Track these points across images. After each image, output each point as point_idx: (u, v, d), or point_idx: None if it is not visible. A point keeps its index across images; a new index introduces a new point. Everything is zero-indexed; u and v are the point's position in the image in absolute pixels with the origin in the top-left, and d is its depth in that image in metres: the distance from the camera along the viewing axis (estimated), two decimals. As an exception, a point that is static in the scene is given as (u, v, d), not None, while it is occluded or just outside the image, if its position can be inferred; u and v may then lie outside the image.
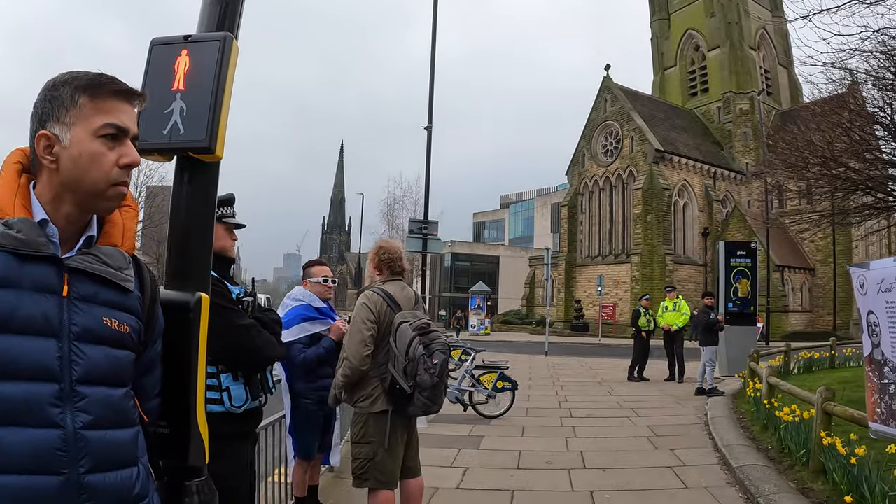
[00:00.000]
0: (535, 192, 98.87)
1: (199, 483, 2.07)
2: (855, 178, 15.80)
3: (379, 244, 5.05)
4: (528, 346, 34.61)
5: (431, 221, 14.50)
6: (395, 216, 56.74)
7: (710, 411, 11.57)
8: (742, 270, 20.82)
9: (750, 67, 57.87)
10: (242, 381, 3.42)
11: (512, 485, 7.22)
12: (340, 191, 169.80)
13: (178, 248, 2.14)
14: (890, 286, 3.52)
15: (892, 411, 3.60)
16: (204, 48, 2.13)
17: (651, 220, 50.46)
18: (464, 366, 12.19)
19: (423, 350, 4.40)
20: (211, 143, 2.04)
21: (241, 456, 3.42)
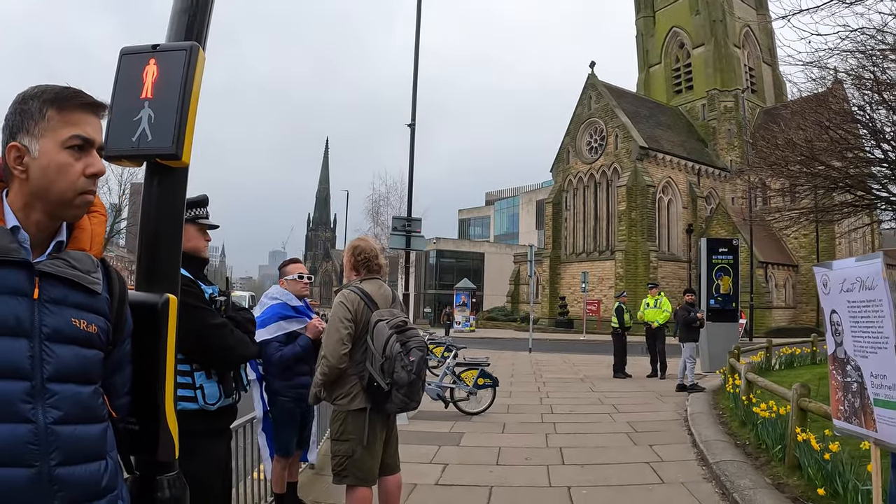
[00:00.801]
0: (521, 188, 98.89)
1: (171, 478, 2.13)
2: (835, 176, 15.92)
3: (354, 244, 5.06)
4: (513, 343, 34.68)
5: (415, 218, 14.55)
6: (380, 213, 56.71)
7: (689, 407, 11.64)
8: (724, 267, 20.95)
9: (734, 65, 58.03)
10: (216, 378, 3.46)
11: (490, 481, 7.27)
12: (325, 187, 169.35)
13: (148, 251, 2.20)
14: (851, 286, 3.60)
15: (855, 409, 3.68)
16: (171, 57, 2.19)
17: (635, 217, 50.58)
18: (445, 363, 12.25)
19: (399, 348, 4.44)
20: (178, 150, 2.10)
21: (215, 453, 3.46)
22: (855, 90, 15.16)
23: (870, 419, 3.50)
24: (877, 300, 3.38)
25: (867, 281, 3.46)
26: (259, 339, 5.21)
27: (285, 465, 5.89)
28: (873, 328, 3.42)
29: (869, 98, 14.43)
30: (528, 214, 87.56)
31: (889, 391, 3.29)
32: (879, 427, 3.41)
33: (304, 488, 6.50)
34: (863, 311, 3.51)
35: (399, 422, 10.04)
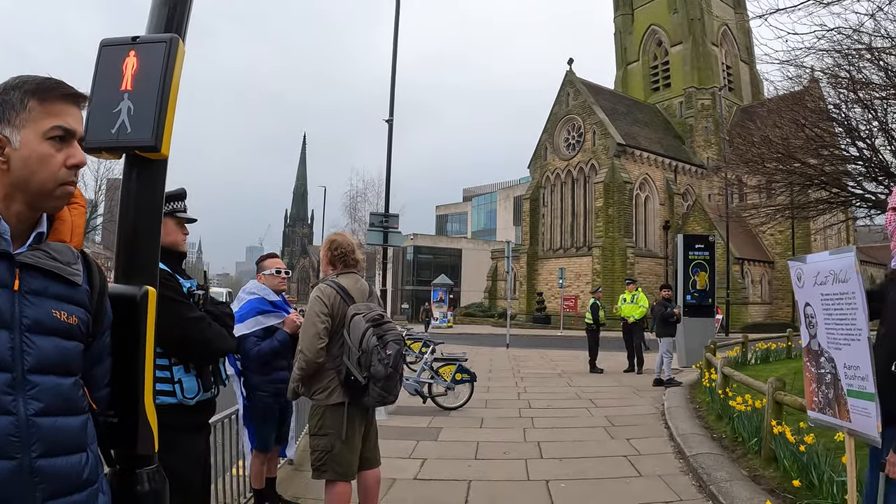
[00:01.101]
0: (498, 185, 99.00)
1: (150, 471, 2.13)
2: (810, 173, 16.09)
3: (331, 238, 5.05)
4: (490, 339, 34.75)
5: (392, 214, 14.52)
6: (358, 209, 56.71)
7: (667, 401, 11.73)
8: (700, 263, 21.06)
9: (712, 63, 58.45)
10: (194, 372, 3.45)
11: (469, 475, 7.28)
12: (303, 183, 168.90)
13: (127, 243, 2.20)
14: (825, 279, 3.64)
15: (829, 400, 3.72)
16: (151, 49, 2.18)
17: (612, 214, 50.80)
18: (423, 358, 12.26)
19: (376, 341, 4.43)
20: (157, 142, 2.10)
21: (194, 447, 3.45)
22: (831, 89, 15.31)
23: (843, 410, 3.54)
24: (850, 293, 3.42)
25: (840, 274, 3.50)
26: (236, 333, 5.21)
27: (264, 460, 5.87)
28: (846, 320, 3.46)
29: (844, 97, 14.58)
30: (505, 211, 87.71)
31: (862, 382, 3.33)
32: (853, 417, 3.46)
33: (282, 484, 6.49)
34: (836, 303, 3.56)
35: (378, 417, 10.06)
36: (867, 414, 3.31)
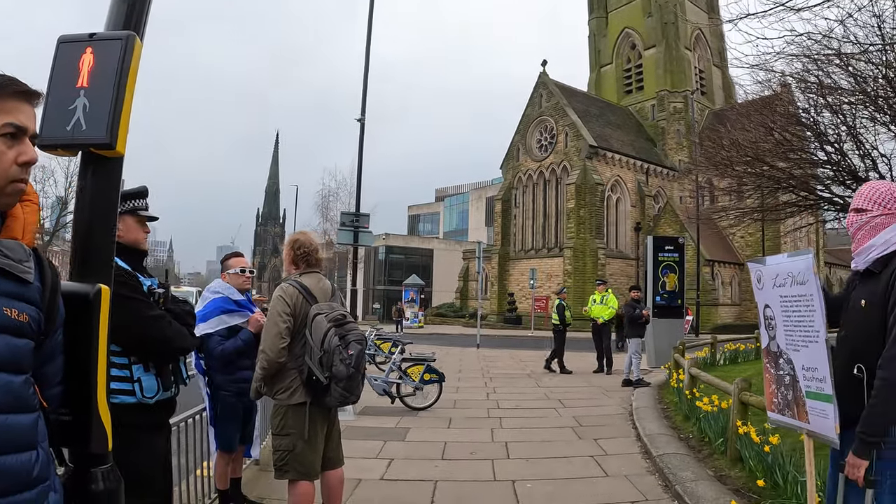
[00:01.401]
0: (471, 185, 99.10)
1: (105, 470, 2.11)
2: (779, 176, 16.23)
3: (294, 238, 5.04)
4: (461, 339, 34.77)
5: (363, 214, 14.50)
6: (330, 208, 56.47)
7: (635, 402, 11.79)
8: (670, 265, 21.17)
9: (685, 67, 59.05)
10: (154, 371, 3.42)
11: (435, 475, 7.28)
12: (275, 182, 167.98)
13: (82, 241, 2.18)
14: (784, 281, 3.67)
15: (788, 401, 3.76)
16: (108, 46, 2.16)
17: (584, 215, 51.03)
18: (392, 358, 12.25)
19: (338, 341, 4.41)
20: (112, 140, 2.08)
21: (154, 446, 3.42)
22: (800, 93, 15.46)
23: (802, 411, 3.58)
24: (808, 295, 3.45)
25: (798, 276, 3.54)
26: (200, 332, 5.17)
27: (228, 460, 5.82)
28: (804, 322, 3.49)
29: (814, 101, 14.72)
30: (477, 211, 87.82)
31: (820, 384, 3.36)
32: (811, 419, 3.49)
33: (248, 484, 6.45)
34: (794, 305, 3.59)
35: (345, 417, 10.06)
36: (825, 416, 3.34)
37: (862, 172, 14.46)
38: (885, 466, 3.06)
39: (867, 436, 3.02)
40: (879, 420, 3.00)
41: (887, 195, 3.28)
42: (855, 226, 3.36)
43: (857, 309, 3.31)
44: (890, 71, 11.99)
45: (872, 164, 14.42)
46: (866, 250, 3.29)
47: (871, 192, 3.33)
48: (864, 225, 3.31)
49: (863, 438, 3.03)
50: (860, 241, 3.33)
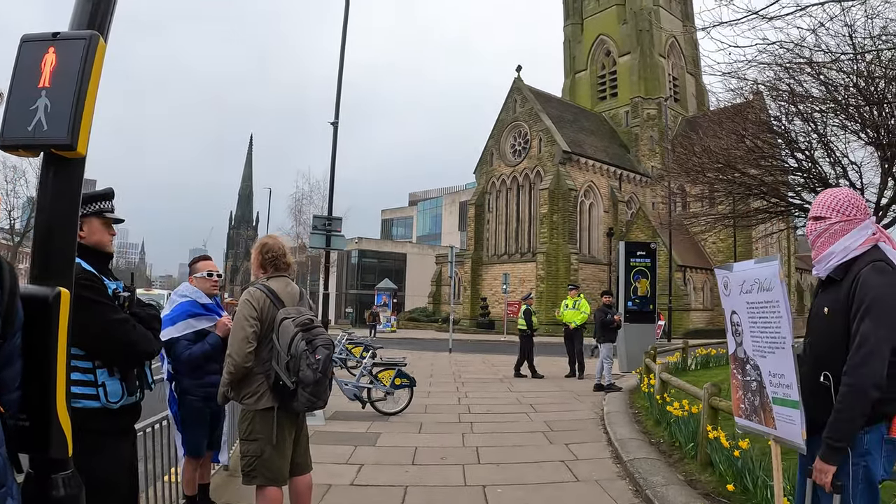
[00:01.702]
0: (444, 190, 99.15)
1: (66, 476, 2.08)
2: (751, 183, 16.37)
3: (262, 242, 4.98)
4: (433, 344, 34.74)
5: (335, 217, 14.45)
6: (303, 212, 56.18)
7: (606, 406, 11.80)
8: (642, 270, 21.30)
9: (659, 74, 59.56)
10: (118, 376, 3.36)
11: (406, 480, 7.25)
12: (248, 185, 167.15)
13: (42, 243, 2.14)
14: (750, 287, 3.69)
15: (755, 407, 3.78)
16: (70, 46, 2.13)
17: (557, 220, 51.21)
18: (363, 363, 12.21)
19: (305, 346, 4.38)
20: (73, 141, 2.05)
21: (118, 452, 3.36)
22: (771, 101, 15.61)
23: (769, 417, 3.60)
24: (774, 301, 3.48)
25: (765, 282, 3.56)
26: (168, 336, 5.12)
27: (196, 466, 5.76)
28: (771, 328, 3.51)
29: (785, 109, 14.87)
30: (451, 215, 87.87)
31: (787, 390, 3.38)
32: (778, 424, 3.51)
33: (217, 490, 6.40)
34: (761, 312, 3.61)
35: (316, 422, 10.02)
36: (792, 421, 3.37)
37: (832, 179, 14.61)
38: (855, 471, 3.09)
39: (834, 441, 3.05)
40: (846, 426, 3.03)
41: (845, 202, 3.32)
42: (814, 233, 3.39)
43: (820, 316, 3.35)
44: (861, 80, 12.14)
45: (843, 172, 14.58)
46: (826, 257, 3.33)
47: (830, 200, 3.37)
48: (824, 232, 3.35)
49: (829, 444, 3.06)
50: (820, 249, 3.37)
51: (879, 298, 3.06)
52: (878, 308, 3.04)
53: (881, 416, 3.11)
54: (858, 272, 3.16)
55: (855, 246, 3.25)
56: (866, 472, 3.11)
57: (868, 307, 3.05)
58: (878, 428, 3.12)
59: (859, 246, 3.24)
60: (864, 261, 3.19)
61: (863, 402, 3.00)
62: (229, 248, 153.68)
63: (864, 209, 3.33)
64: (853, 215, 3.29)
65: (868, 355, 3.00)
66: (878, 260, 3.17)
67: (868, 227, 3.28)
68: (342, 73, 15.57)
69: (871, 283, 3.09)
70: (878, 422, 3.12)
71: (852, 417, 3.02)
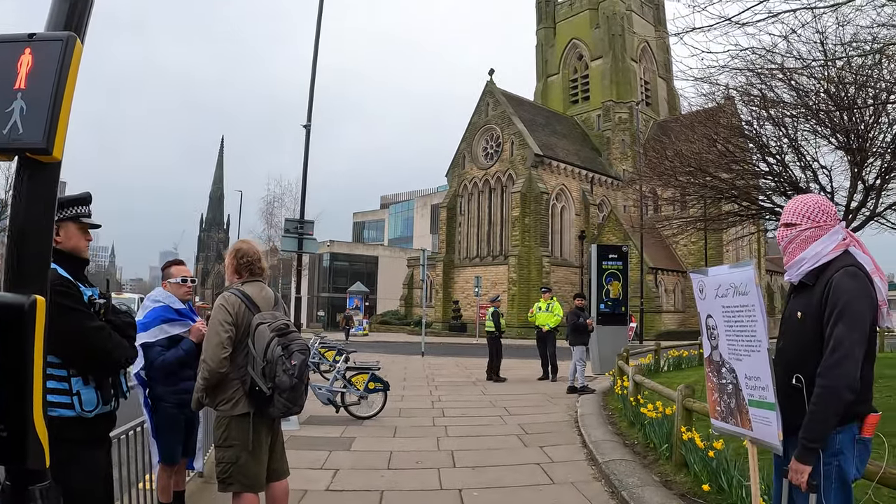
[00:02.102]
0: (416, 192, 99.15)
1: (43, 487, 2.05)
2: (722, 187, 16.49)
3: (237, 246, 4.94)
4: (406, 347, 34.69)
5: (307, 221, 14.41)
6: (275, 215, 56.02)
7: (580, 409, 11.86)
8: (614, 272, 21.44)
9: (631, 78, 59.97)
10: (93, 384, 3.33)
11: (381, 485, 7.23)
12: (220, 187, 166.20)
13: (16, 249, 2.10)
14: (726, 291, 3.72)
15: (731, 409, 3.81)
16: (47, 47, 2.09)
17: (529, 223, 51.35)
18: (336, 367, 12.16)
19: (281, 351, 4.34)
20: (48, 145, 2.01)
21: (93, 461, 3.32)
22: (743, 106, 15.76)
23: (745, 419, 3.63)
24: (749, 305, 3.51)
25: (740, 287, 3.59)
26: (141, 342, 5.05)
27: (171, 473, 5.70)
28: (746, 332, 3.55)
29: (756, 114, 15.00)
30: (422, 218, 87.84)
31: (763, 392, 3.41)
32: (755, 426, 3.54)
33: (192, 497, 6.35)
34: (736, 315, 3.65)
35: (290, 427, 9.96)
36: (768, 423, 3.39)
37: (803, 183, 14.76)
38: (829, 470, 3.13)
39: (809, 441, 3.09)
40: (820, 426, 3.08)
41: (815, 208, 3.38)
42: (786, 240, 3.44)
43: (793, 320, 3.40)
44: (831, 86, 12.28)
45: (813, 176, 14.73)
46: (798, 263, 3.38)
47: (800, 207, 3.44)
48: (795, 239, 3.41)
49: (804, 444, 3.10)
50: (791, 255, 3.43)
51: (852, 302, 3.12)
52: (850, 312, 3.10)
53: (853, 416, 3.17)
54: (831, 277, 3.21)
55: (826, 251, 3.30)
56: (839, 471, 3.15)
57: (841, 311, 3.10)
58: (850, 428, 3.18)
59: (830, 251, 3.30)
60: (835, 266, 3.24)
61: (837, 403, 3.05)
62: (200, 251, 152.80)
63: (833, 215, 3.39)
64: (823, 221, 3.34)
65: (842, 358, 3.05)
66: (850, 265, 3.22)
67: (838, 233, 3.34)
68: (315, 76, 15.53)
69: (844, 288, 3.14)
70: (850, 422, 3.17)
71: (826, 418, 3.07)
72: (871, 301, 3.17)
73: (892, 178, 14.27)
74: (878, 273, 3.30)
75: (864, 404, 3.19)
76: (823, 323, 3.17)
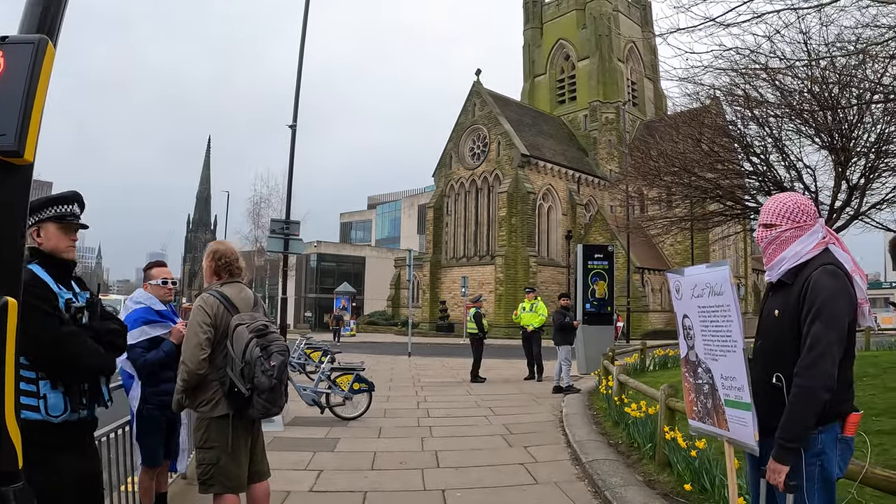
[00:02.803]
0: (403, 193, 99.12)
1: (17, 489, 2.04)
2: (706, 186, 16.57)
3: (213, 248, 4.92)
4: (393, 347, 34.68)
5: (293, 221, 14.39)
6: (262, 215, 55.77)
7: (565, 408, 11.88)
8: (599, 272, 21.48)
9: (617, 79, 60.22)
10: (62, 389, 3.24)
11: (365, 486, 7.23)
12: (206, 188, 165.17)
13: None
14: (702, 291, 3.74)
15: (708, 409, 3.82)
16: (19, 50, 2.09)
17: (515, 223, 51.42)
18: (321, 367, 12.14)
19: (260, 352, 4.32)
20: (20, 147, 2.00)
21: (63, 466, 3.21)
22: (727, 106, 15.83)
23: (722, 419, 3.64)
24: (725, 305, 3.52)
25: (716, 287, 3.61)
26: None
27: (153, 475, 5.67)
28: (722, 332, 3.56)
29: (741, 114, 15.08)
30: (409, 219, 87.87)
31: (738, 392, 3.42)
32: (731, 427, 3.55)
33: (175, 499, 6.34)
34: (712, 315, 3.66)
35: (274, 428, 9.96)
36: (744, 423, 3.40)
37: (787, 183, 14.83)
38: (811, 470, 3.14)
39: (786, 441, 3.08)
40: (797, 426, 3.07)
41: (794, 209, 3.38)
42: (765, 241, 3.44)
43: (771, 319, 3.40)
44: (815, 86, 12.35)
45: (797, 175, 14.81)
46: (778, 263, 3.39)
47: (779, 207, 3.43)
48: (775, 240, 3.41)
49: (782, 444, 3.09)
50: (771, 256, 3.43)
51: (830, 301, 3.11)
52: (828, 311, 3.09)
53: (835, 415, 3.16)
54: (809, 275, 3.20)
55: (806, 251, 3.30)
56: (822, 471, 3.16)
57: (819, 310, 3.10)
58: (833, 427, 3.17)
59: (810, 250, 3.30)
60: (814, 264, 3.24)
61: (813, 402, 3.04)
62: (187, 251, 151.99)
63: (812, 214, 3.38)
64: (803, 221, 3.34)
65: (819, 357, 3.04)
66: (829, 263, 3.21)
67: (818, 232, 3.34)
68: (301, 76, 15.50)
69: (822, 286, 3.14)
70: (832, 421, 3.17)
71: (804, 418, 3.06)
72: (850, 299, 3.17)
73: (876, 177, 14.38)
74: (857, 271, 3.30)
75: (845, 403, 3.19)
76: (801, 321, 3.17)
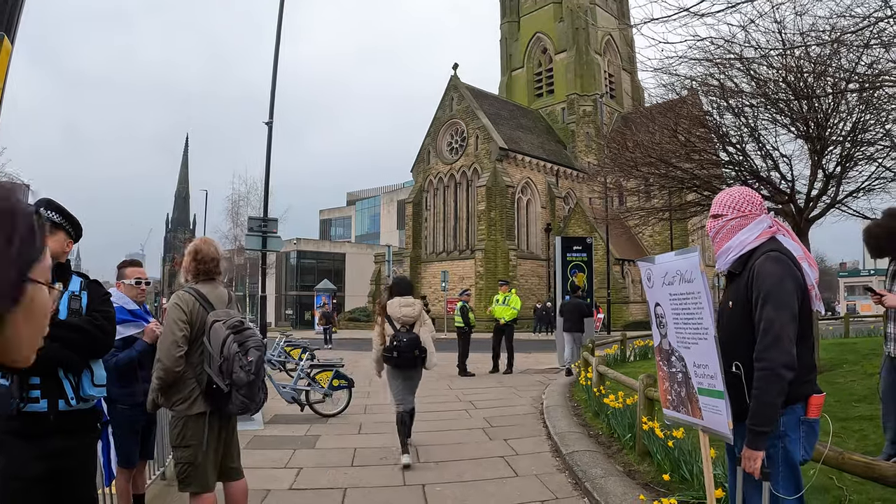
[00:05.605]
0: (382, 188, 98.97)
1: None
2: (683, 177, 16.61)
3: (196, 247, 4.88)
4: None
5: (271, 219, 14.32)
6: (241, 213, 55.64)
7: (546, 400, 11.91)
8: (578, 264, 21.56)
9: (595, 71, 60.37)
10: (7, 380, 3.24)
11: (345, 482, 7.22)
12: (185, 187, 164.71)
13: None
14: (672, 279, 3.75)
15: (682, 398, 3.83)
16: (-27, 47, 2.07)
17: (495, 217, 51.46)
18: (300, 365, 12.11)
19: (237, 348, 4.33)
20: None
21: (22, 453, 3.24)
22: (703, 96, 15.87)
23: (696, 407, 3.65)
24: (695, 292, 3.54)
25: (686, 274, 3.62)
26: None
27: (129, 476, 5.62)
28: (693, 320, 3.57)
29: (716, 104, 15.12)
30: (389, 215, 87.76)
31: (711, 380, 3.44)
32: (705, 415, 3.57)
33: (153, 501, 6.32)
34: (683, 303, 3.67)
35: (254, 426, 9.93)
36: (718, 411, 3.42)
37: (764, 172, 14.87)
38: (774, 453, 3.17)
39: (756, 426, 3.11)
40: (766, 409, 3.11)
41: (741, 199, 3.47)
42: (714, 230, 3.52)
43: (726, 310, 3.46)
44: (790, 75, 12.39)
45: (774, 165, 14.85)
46: (725, 252, 3.47)
47: (727, 198, 3.53)
48: (721, 229, 3.50)
49: (753, 429, 3.12)
50: (719, 244, 3.52)
51: (777, 285, 3.19)
52: (776, 294, 3.17)
53: (796, 397, 3.21)
54: (754, 263, 3.26)
55: (751, 240, 3.39)
56: (785, 454, 3.20)
57: (767, 294, 3.17)
58: (794, 409, 3.22)
59: (755, 239, 3.39)
60: (759, 252, 3.32)
61: (777, 383, 3.09)
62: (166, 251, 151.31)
63: (758, 205, 3.47)
64: (748, 211, 3.43)
65: (775, 339, 3.10)
66: (773, 250, 3.29)
67: (763, 222, 3.42)
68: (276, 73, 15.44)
69: (768, 272, 3.22)
70: (794, 403, 3.21)
71: (771, 400, 3.10)
72: (797, 282, 3.24)
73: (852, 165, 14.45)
74: (807, 258, 3.38)
75: (806, 385, 3.24)
76: (752, 308, 3.22)
